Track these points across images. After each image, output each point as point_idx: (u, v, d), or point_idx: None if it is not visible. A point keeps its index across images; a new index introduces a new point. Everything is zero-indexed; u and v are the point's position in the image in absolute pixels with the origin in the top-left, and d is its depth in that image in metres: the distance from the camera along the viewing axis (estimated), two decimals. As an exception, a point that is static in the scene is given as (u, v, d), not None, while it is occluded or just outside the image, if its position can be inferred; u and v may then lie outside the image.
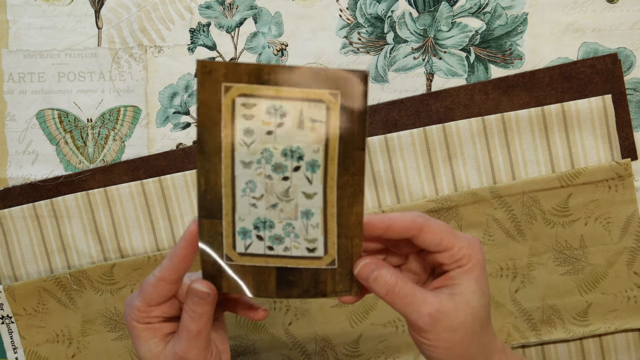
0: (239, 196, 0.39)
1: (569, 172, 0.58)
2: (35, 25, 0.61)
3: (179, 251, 0.40)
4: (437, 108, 0.59)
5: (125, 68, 0.61)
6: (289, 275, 0.40)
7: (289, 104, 0.37)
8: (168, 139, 0.61)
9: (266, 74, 0.37)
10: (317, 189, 0.39)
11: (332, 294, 0.41)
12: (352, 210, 0.39)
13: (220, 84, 0.37)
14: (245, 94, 0.37)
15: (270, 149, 0.38)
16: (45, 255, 0.61)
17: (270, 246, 0.40)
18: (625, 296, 0.59)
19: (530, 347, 0.60)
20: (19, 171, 0.62)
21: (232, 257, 0.40)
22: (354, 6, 0.60)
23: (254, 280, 0.40)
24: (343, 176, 0.38)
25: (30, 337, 0.62)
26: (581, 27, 0.59)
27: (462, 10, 0.59)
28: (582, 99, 0.58)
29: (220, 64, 0.37)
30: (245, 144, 0.38)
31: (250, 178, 0.38)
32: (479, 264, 0.40)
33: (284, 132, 0.37)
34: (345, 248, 0.40)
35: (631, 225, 0.58)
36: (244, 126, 0.37)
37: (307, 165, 0.38)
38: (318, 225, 0.39)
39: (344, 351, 0.60)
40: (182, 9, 0.61)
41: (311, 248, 0.40)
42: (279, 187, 0.39)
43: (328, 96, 0.37)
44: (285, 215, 0.39)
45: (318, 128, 0.38)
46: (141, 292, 0.41)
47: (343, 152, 0.38)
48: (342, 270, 0.40)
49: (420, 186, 0.59)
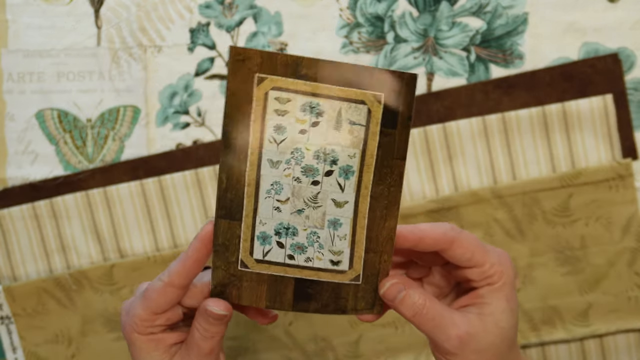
0: (262, 197, 0.36)
1: (569, 172, 0.58)
2: (34, 24, 0.61)
3: (192, 253, 0.37)
4: (438, 108, 0.59)
5: (125, 68, 0.61)
6: (308, 288, 0.38)
7: (326, 103, 0.35)
8: (167, 139, 0.61)
9: (304, 68, 0.34)
10: (349, 198, 0.36)
11: (352, 311, 0.38)
12: (384, 224, 0.36)
13: (254, 74, 0.34)
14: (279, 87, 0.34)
15: (301, 149, 0.35)
16: (45, 256, 0.61)
17: (291, 255, 0.37)
18: (626, 296, 0.59)
19: (530, 347, 0.60)
20: (18, 171, 0.62)
21: (248, 264, 0.37)
22: (354, 6, 0.60)
23: (269, 291, 0.38)
24: (378, 186, 0.36)
25: (29, 337, 0.61)
26: (582, 26, 0.59)
27: (462, 10, 0.59)
28: (583, 98, 0.58)
29: (256, 52, 0.34)
30: (275, 142, 0.35)
31: (277, 179, 0.36)
32: (509, 282, 0.38)
33: (318, 133, 0.35)
34: (372, 264, 0.37)
35: (632, 225, 0.58)
36: (276, 122, 0.35)
37: (340, 170, 0.36)
38: (346, 236, 0.37)
39: (344, 352, 0.60)
40: (182, 9, 0.61)
41: (335, 261, 0.37)
42: (307, 192, 0.36)
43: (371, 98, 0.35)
44: (311, 222, 0.36)
45: (357, 131, 0.35)
46: (144, 299, 0.38)
47: (381, 160, 0.35)
48: (366, 287, 0.38)
49: (421, 186, 0.59)
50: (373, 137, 0.35)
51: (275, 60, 0.34)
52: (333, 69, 0.34)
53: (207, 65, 0.61)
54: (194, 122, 0.61)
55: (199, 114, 0.61)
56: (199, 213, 0.60)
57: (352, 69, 0.34)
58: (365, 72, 0.34)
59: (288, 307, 0.38)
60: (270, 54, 0.34)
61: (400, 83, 0.34)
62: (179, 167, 0.61)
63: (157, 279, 0.38)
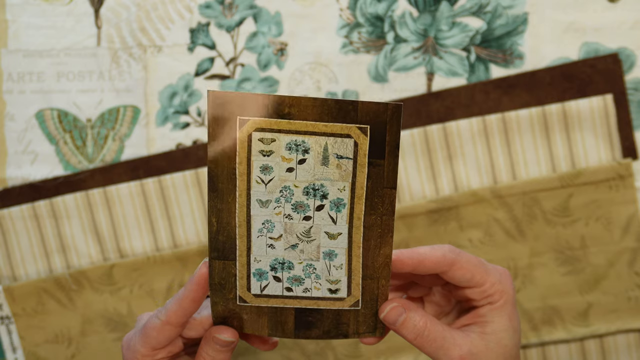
0: (254, 237, 0.36)
1: (569, 172, 0.58)
2: (34, 24, 0.61)
3: (188, 294, 0.37)
4: (438, 108, 0.59)
5: (125, 68, 0.61)
6: (309, 316, 0.38)
7: (311, 139, 0.34)
8: (167, 138, 0.61)
9: (287, 107, 0.33)
10: (342, 229, 0.36)
11: (354, 335, 0.38)
12: (379, 252, 0.36)
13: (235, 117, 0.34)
14: (262, 128, 0.34)
15: (290, 187, 0.35)
16: (45, 256, 0.61)
17: (289, 287, 0.37)
18: (626, 296, 0.59)
19: (530, 347, 0.60)
20: (18, 171, 0.62)
21: (247, 299, 0.37)
22: (354, 6, 0.60)
23: (269, 322, 0.38)
24: (371, 216, 0.36)
25: (29, 337, 0.61)
26: (582, 26, 0.59)
27: (462, 10, 0.59)
28: (583, 98, 0.58)
29: (236, 95, 0.33)
30: (262, 182, 0.35)
31: (268, 218, 0.35)
32: (510, 300, 0.38)
33: (306, 169, 0.35)
34: (371, 289, 0.37)
35: (632, 225, 0.58)
36: (262, 163, 0.34)
37: (331, 204, 0.35)
38: (342, 266, 0.37)
39: (344, 352, 0.60)
40: (182, 9, 0.61)
41: (333, 289, 0.37)
42: (300, 227, 0.36)
43: (356, 131, 0.34)
44: (306, 256, 0.36)
45: (344, 165, 0.35)
46: (144, 336, 0.38)
47: (371, 190, 0.35)
48: (366, 312, 0.38)
49: (421, 186, 0.59)
50: (361, 169, 0.35)
51: (257, 102, 0.34)
52: (316, 105, 0.34)
53: (207, 65, 0.61)
54: (194, 122, 0.61)
55: (199, 114, 0.61)
56: (199, 213, 0.60)
57: (335, 104, 0.34)
58: (349, 105, 0.34)
59: (290, 334, 0.38)
60: (251, 95, 0.34)
61: (385, 113, 0.34)
62: (179, 167, 0.61)
63: (155, 317, 0.38)
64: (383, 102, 0.33)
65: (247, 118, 0.34)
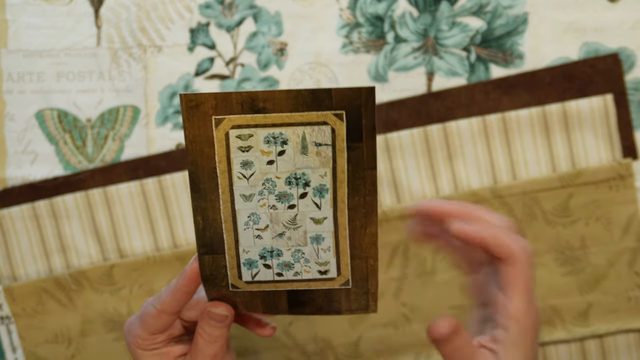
0: (241, 230, 0.37)
1: (569, 172, 0.58)
2: (34, 24, 0.61)
3: (180, 287, 0.38)
4: (438, 108, 0.59)
5: (125, 68, 0.61)
6: (301, 297, 0.39)
7: (289, 130, 0.35)
8: (167, 138, 0.61)
9: (261, 101, 0.34)
10: (327, 214, 0.36)
11: (347, 311, 0.39)
12: (365, 232, 0.37)
13: (210, 117, 0.34)
14: (239, 125, 0.34)
15: (272, 179, 0.36)
16: (45, 256, 0.61)
17: (280, 273, 0.38)
18: (626, 296, 0.59)
19: (530, 347, 0.60)
20: (18, 171, 0.62)
21: (239, 286, 0.38)
22: (354, 6, 0.60)
23: (262, 302, 0.39)
24: (354, 197, 0.36)
25: (29, 337, 0.61)
26: (582, 26, 0.59)
27: (462, 10, 0.59)
28: (583, 98, 0.58)
29: (208, 95, 0.34)
30: (244, 177, 0.35)
31: (253, 210, 0.36)
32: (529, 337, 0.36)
33: (286, 160, 0.35)
34: (360, 269, 0.38)
35: (632, 225, 0.58)
36: (241, 159, 0.35)
37: (314, 191, 0.36)
38: (329, 248, 0.37)
39: (343, 352, 0.60)
40: (182, 9, 0.61)
41: (323, 271, 0.38)
42: (285, 216, 0.36)
43: (332, 117, 0.34)
44: (294, 242, 0.37)
45: (324, 152, 0.35)
46: (142, 322, 0.39)
47: (352, 173, 0.36)
48: (357, 290, 0.38)
49: (421, 186, 0.59)
50: (341, 153, 0.35)
51: (230, 100, 0.34)
52: (290, 97, 0.34)
53: (207, 65, 0.61)
54: (193, 122, 0.61)
55: (199, 114, 0.61)
56: (199, 213, 0.60)
57: (309, 94, 0.34)
58: (323, 94, 0.34)
59: (284, 311, 0.39)
60: (223, 94, 0.34)
61: (359, 98, 0.34)
62: (179, 167, 0.61)
63: (151, 305, 0.39)
64: (356, 87, 0.34)
65: (223, 117, 0.34)
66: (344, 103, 0.34)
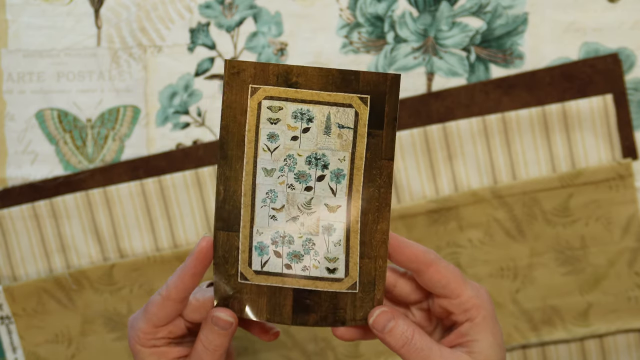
0: (258, 207, 0.37)
1: (569, 172, 0.58)
2: (34, 24, 0.61)
3: (188, 269, 0.37)
4: (438, 108, 0.59)
5: (125, 68, 0.61)
6: (307, 299, 0.38)
7: (316, 108, 0.36)
8: (167, 138, 0.61)
9: (294, 76, 0.35)
10: (341, 202, 0.37)
11: (351, 322, 0.39)
12: (376, 227, 0.37)
13: (248, 86, 0.35)
14: (272, 96, 0.36)
15: (294, 156, 0.36)
16: (45, 256, 0.61)
17: (288, 264, 0.38)
18: (626, 296, 0.59)
19: (530, 347, 0.60)
20: (18, 171, 0.62)
21: (248, 276, 0.38)
22: (354, 6, 0.60)
23: (268, 304, 0.38)
24: (369, 188, 0.37)
25: (29, 337, 0.61)
26: (582, 26, 0.59)
27: (462, 10, 0.59)
28: (583, 98, 0.58)
29: (249, 64, 0.35)
30: (268, 150, 0.36)
31: (272, 187, 0.37)
32: (490, 315, 0.37)
33: (309, 138, 0.36)
34: (368, 270, 0.38)
35: (632, 225, 0.58)
36: (269, 130, 0.36)
37: (331, 174, 0.37)
38: (340, 242, 0.37)
39: (343, 352, 0.60)
40: (182, 9, 0.61)
41: (331, 268, 0.38)
42: (301, 198, 0.37)
43: (357, 100, 0.35)
44: (306, 229, 0.37)
45: (345, 135, 0.36)
46: (146, 312, 0.39)
47: (370, 162, 0.36)
48: (363, 296, 0.38)
49: (421, 186, 0.59)
50: (361, 139, 0.36)
51: (267, 71, 0.35)
52: (321, 75, 0.35)
53: (207, 65, 0.61)
54: (194, 122, 0.61)
55: (199, 114, 0.61)
56: (199, 213, 0.60)
57: (339, 74, 0.35)
58: (351, 75, 0.35)
59: (288, 320, 0.39)
60: (262, 65, 0.35)
61: (385, 84, 0.35)
62: (179, 167, 0.61)
63: (156, 293, 0.39)
64: (383, 73, 0.35)
65: (259, 86, 0.36)
66: (369, 87, 0.35)
